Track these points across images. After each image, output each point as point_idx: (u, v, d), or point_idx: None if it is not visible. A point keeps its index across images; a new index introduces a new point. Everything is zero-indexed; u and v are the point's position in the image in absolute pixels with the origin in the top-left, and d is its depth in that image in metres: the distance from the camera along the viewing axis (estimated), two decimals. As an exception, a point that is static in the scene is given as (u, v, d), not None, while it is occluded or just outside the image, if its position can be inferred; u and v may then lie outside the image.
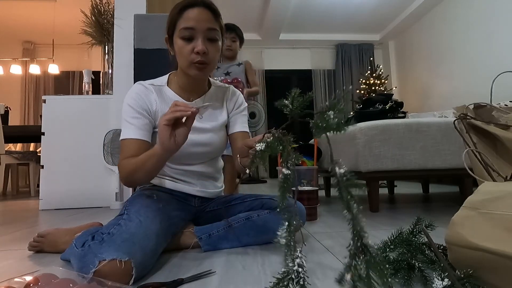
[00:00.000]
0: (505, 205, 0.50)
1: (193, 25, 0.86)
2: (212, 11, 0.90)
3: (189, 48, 0.88)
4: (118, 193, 2.13)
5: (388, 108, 2.16)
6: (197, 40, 0.87)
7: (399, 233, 0.76)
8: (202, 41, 0.87)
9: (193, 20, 0.87)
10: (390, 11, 4.73)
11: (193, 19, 0.87)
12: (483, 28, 3.56)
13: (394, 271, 0.63)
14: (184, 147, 0.91)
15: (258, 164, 0.58)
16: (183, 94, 0.98)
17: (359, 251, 0.44)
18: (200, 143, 0.97)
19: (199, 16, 0.87)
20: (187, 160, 0.98)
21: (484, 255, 0.49)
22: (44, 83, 5.50)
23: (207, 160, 1.02)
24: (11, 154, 3.13)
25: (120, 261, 0.62)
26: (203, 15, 0.88)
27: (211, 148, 1.00)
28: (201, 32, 0.87)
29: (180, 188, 0.99)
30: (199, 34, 0.87)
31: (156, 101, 0.94)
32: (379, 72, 4.91)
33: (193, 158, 0.99)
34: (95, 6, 2.60)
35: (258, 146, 0.57)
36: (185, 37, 0.87)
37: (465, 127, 0.81)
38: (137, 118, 0.90)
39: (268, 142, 0.56)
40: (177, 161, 0.97)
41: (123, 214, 0.80)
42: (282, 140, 0.55)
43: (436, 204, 1.89)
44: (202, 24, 0.87)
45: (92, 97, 2.36)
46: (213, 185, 1.07)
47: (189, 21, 0.87)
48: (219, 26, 0.91)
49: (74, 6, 3.58)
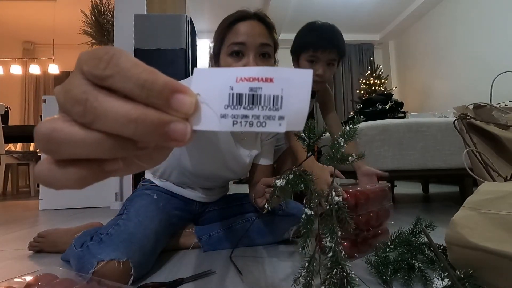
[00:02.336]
0: (505, 205, 0.50)
1: (244, 40, 0.77)
2: (266, 24, 0.81)
3: (239, 66, 0.77)
4: (118, 193, 2.13)
5: (388, 108, 2.16)
6: (248, 57, 0.78)
7: (399, 233, 0.76)
8: (253, 58, 0.78)
9: (244, 34, 0.77)
10: (390, 11, 4.73)
11: (245, 33, 0.77)
12: (483, 28, 3.56)
13: (394, 271, 0.63)
14: (215, 169, 0.87)
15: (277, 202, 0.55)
16: None
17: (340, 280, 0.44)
18: (230, 169, 0.91)
19: (252, 30, 0.78)
20: (207, 178, 0.94)
21: (484, 255, 0.49)
22: (44, 83, 5.50)
23: (223, 181, 1.01)
24: (11, 154, 3.13)
25: (118, 262, 0.62)
26: (256, 29, 0.79)
27: (235, 176, 0.96)
28: (252, 48, 0.78)
29: (182, 193, 0.97)
30: (251, 51, 0.78)
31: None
32: (379, 72, 4.90)
33: (215, 178, 0.95)
34: (95, 6, 2.61)
35: (278, 182, 0.54)
36: (234, 53, 0.78)
37: (465, 127, 0.81)
38: None
39: (288, 179, 0.53)
40: (197, 176, 0.91)
41: (123, 214, 0.80)
42: (304, 178, 0.52)
43: (436, 204, 1.89)
44: (254, 39, 0.77)
45: (92, 97, 2.36)
46: (217, 192, 1.06)
47: (240, 36, 0.77)
48: (272, 42, 0.83)
49: (74, 6, 3.58)
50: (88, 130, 0.16)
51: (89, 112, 0.16)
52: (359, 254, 0.80)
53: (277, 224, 0.95)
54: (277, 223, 0.95)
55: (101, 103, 0.16)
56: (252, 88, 0.19)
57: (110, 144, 0.16)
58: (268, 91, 0.19)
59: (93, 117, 0.16)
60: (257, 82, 0.19)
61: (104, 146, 0.16)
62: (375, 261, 0.66)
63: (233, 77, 0.19)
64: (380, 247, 0.71)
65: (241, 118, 0.19)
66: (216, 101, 0.19)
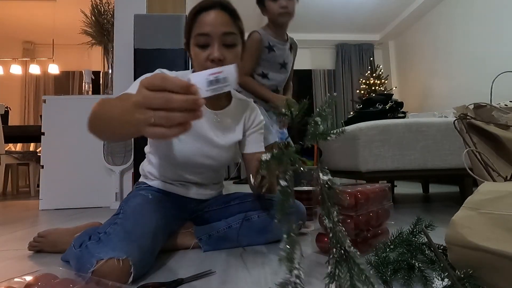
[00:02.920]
0: (505, 205, 0.50)
1: (208, 31, 0.80)
2: (229, 12, 0.83)
3: (204, 56, 0.82)
4: (118, 193, 2.13)
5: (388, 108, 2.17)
6: (213, 46, 0.81)
7: (399, 233, 0.76)
8: (218, 48, 0.80)
9: (208, 25, 0.80)
10: (390, 11, 4.73)
11: (208, 24, 0.80)
12: (483, 28, 3.56)
13: (394, 271, 0.63)
14: (191, 155, 0.91)
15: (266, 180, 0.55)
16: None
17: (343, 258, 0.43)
18: (209, 156, 0.94)
19: (215, 20, 0.80)
20: (188, 168, 0.96)
21: (484, 255, 0.49)
22: (44, 83, 5.50)
23: (207, 171, 1.00)
24: (11, 154, 3.13)
25: (118, 260, 0.62)
26: (219, 19, 0.81)
27: (217, 163, 0.97)
28: (216, 38, 0.80)
29: (175, 191, 0.98)
30: (215, 40, 0.80)
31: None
32: (379, 72, 4.91)
33: (196, 167, 0.96)
34: (95, 6, 2.61)
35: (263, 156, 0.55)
36: (200, 44, 0.81)
37: (465, 127, 0.81)
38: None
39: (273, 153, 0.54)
40: (178, 166, 0.95)
41: (119, 214, 0.80)
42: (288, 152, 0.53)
43: (436, 204, 1.89)
44: (217, 29, 0.80)
45: (92, 97, 2.36)
46: (210, 188, 1.06)
47: (204, 27, 0.80)
48: (237, 29, 0.84)
49: (74, 6, 3.58)
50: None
51: (167, 100, 0.41)
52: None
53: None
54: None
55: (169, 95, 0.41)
56: (215, 76, 0.47)
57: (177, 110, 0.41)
58: (221, 76, 0.48)
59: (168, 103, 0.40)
60: (217, 74, 0.48)
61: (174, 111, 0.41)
62: (375, 261, 0.66)
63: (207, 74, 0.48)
64: (380, 247, 0.71)
65: (214, 90, 0.48)
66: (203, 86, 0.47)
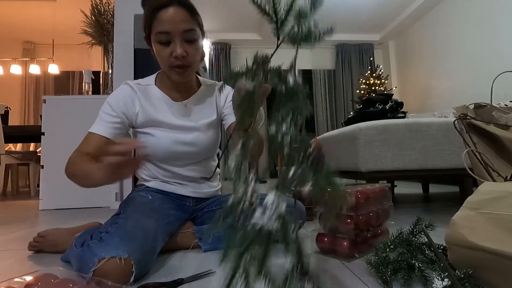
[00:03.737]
0: (505, 205, 0.50)
1: (168, 29, 0.81)
2: (187, 8, 0.84)
3: (167, 53, 0.84)
4: (118, 193, 2.13)
5: (388, 108, 2.17)
6: (175, 43, 0.83)
7: (399, 233, 0.76)
8: (179, 45, 0.82)
9: (168, 23, 0.81)
10: (390, 11, 4.73)
11: (168, 21, 0.81)
12: (483, 28, 3.56)
13: (394, 271, 0.63)
14: (168, 146, 0.93)
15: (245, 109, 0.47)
16: (171, 94, 0.96)
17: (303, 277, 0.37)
18: (185, 142, 0.94)
19: (174, 17, 0.81)
20: (173, 161, 0.96)
21: (484, 255, 0.49)
22: (44, 83, 5.50)
23: (195, 162, 0.99)
24: (11, 154, 3.13)
25: (120, 259, 0.63)
26: (179, 16, 0.81)
27: (197, 149, 0.97)
28: (178, 35, 0.82)
29: (172, 190, 0.98)
30: (176, 37, 0.82)
31: (140, 101, 0.93)
32: (379, 72, 4.90)
33: (179, 158, 0.96)
34: (95, 6, 2.61)
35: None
36: (162, 42, 0.83)
37: (465, 127, 0.81)
38: (112, 117, 0.88)
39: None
40: (163, 161, 0.96)
41: (120, 214, 0.80)
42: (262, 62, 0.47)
43: (436, 204, 1.89)
44: (177, 26, 0.81)
45: (92, 97, 2.36)
46: (207, 185, 1.05)
47: (164, 25, 0.81)
48: (197, 25, 0.86)
49: (74, 6, 3.59)
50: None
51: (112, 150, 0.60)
52: (359, 254, 0.80)
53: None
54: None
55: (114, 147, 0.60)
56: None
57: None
58: None
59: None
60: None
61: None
62: (375, 261, 0.66)
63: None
64: (380, 247, 0.71)
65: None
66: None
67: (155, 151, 0.93)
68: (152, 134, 0.93)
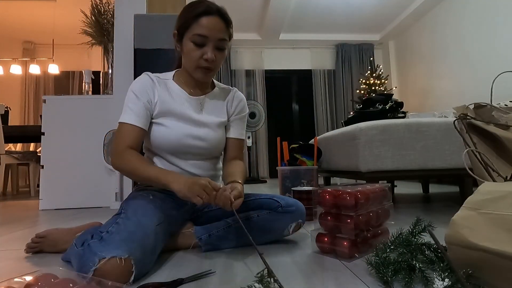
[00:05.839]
0: (505, 205, 0.50)
1: (207, 34, 0.90)
2: (225, 21, 0.93)
3: (199, 54, 0.91)
4: (118, 193, 2.13)
5: (388, 108, 2.16)
6: (208, 47, 0.91)
7: (399, 233, 0.76)
8: (212, 50, 0.91)
9: (207, 28, 0.90)
10: (390, 11, 4.73)
11: (208, 27, 0.90)
12: (483, 28, 3.56)
13: (395, 272, 0.63)
14: (179, 138, 0.97)
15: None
16: (187, 89, 1.02)
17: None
18: (196, 136, 0.98)
19: (214, 25, 0.90)
20: (181, 155, 0.98)
21: (484, 255, 0.49)
22: (44, 83, 5.50)
23: (202, 159, 1.01)
24: (11, 154, 3.13)
25: (120, 259, 0.63)
26: (217, 25, 0.91)
27: (207, 144, 0.99)
28: (212, 41, 0.91)
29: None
30: (211, 43, 0.91)
31: (158, 91, 0.98)
32: (379, 72, 4.91)
33: (188, 152, 0.98)
34: (95, 6, 2.61)
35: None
36: (196, 42, 0.91)
37: (465, 127, 0.81)
38: (139, 106, 0.93)
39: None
40: (171, 153, 0.98)
41: (121, 213, 0.80)
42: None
43: (436, 204, 1.89)
44: (215, 34, 0.90)
45: (92, 97, 2.36)
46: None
47: (204, 29, 0.89)
48: (228, 36, 0.95)
49: (74, 6, 3.59)
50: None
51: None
52: (359, 254, 0.80)
53: (276, 221, 0.95)
54: (277, 220, 0.95)
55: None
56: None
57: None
58: None
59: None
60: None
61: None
62: (375, 262, 0.66)
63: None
64: (380, 247, 0.71)
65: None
66: None
67: (165, 142, 0.96)
68: (165, 124, 0.97)
